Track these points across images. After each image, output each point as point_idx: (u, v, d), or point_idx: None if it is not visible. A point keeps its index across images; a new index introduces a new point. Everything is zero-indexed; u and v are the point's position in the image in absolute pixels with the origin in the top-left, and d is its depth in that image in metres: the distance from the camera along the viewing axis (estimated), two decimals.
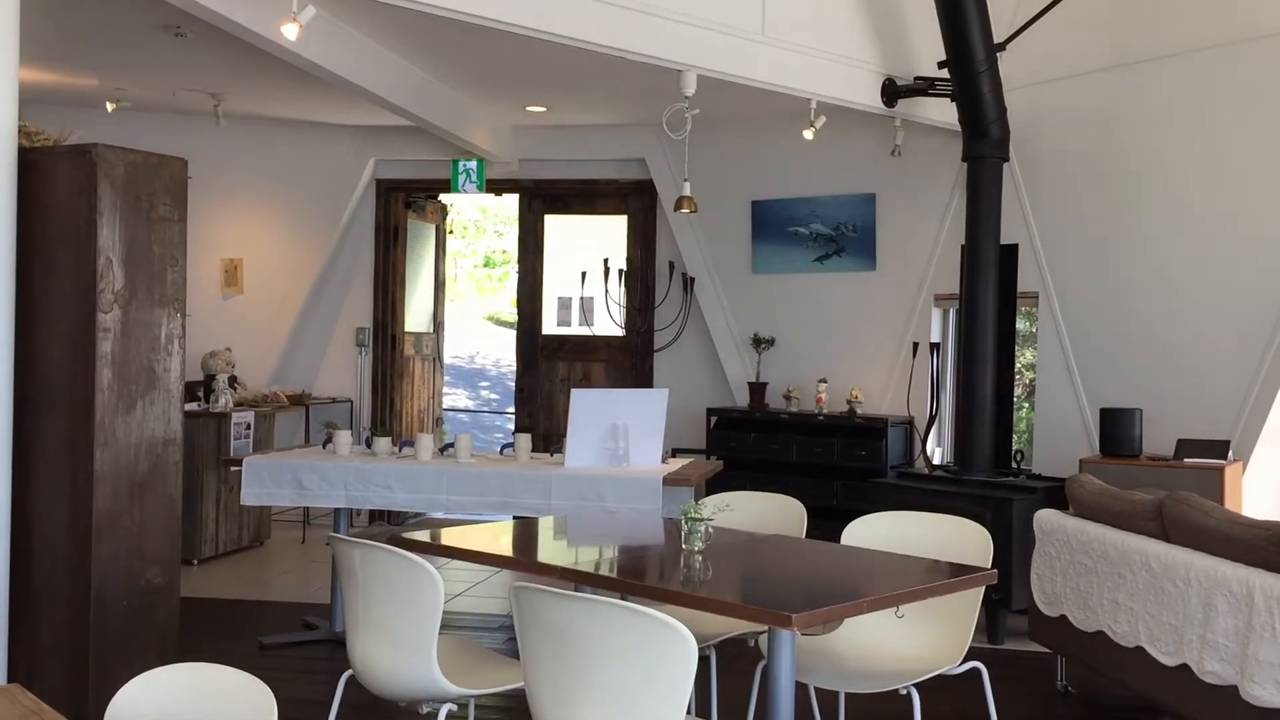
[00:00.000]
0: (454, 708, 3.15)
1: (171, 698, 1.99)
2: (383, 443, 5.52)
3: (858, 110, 6.26)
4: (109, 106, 7.46)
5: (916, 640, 3.49)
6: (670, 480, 5.03)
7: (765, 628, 3.47)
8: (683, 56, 5.30)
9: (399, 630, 3.17)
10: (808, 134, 6.11)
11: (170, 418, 4.12)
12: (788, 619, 2.68)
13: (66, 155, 3.99)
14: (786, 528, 4.00)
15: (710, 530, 3.42)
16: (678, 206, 5.86)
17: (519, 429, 8.08)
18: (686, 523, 3.39)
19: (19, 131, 3.91)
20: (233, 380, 7.49)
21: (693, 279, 7.99)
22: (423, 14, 4.64)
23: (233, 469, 6.94)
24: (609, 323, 8.31)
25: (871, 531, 3.77)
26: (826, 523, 4.70)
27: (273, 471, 5.29)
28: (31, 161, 3.93)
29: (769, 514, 4.10)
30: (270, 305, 8.49)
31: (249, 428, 7.37)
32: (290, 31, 4.45)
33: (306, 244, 8.52)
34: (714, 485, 5.72)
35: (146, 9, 5.26)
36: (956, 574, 3.22)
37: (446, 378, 10.90)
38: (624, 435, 5.27)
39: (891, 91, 6.20)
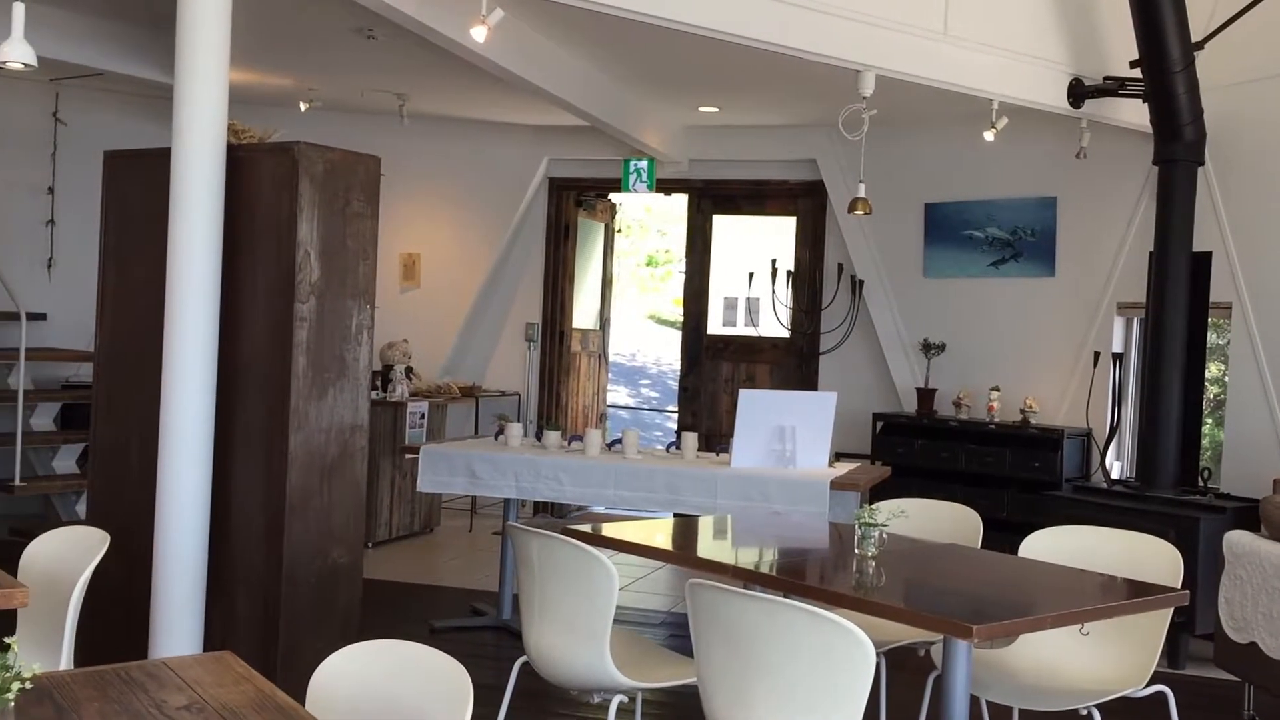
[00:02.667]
0: (624, 699, 3.20)
1: (371, 672, 2.08)
2: (552, 436, 5.62)
3: (1041, 111, 6.08)
4: (302, 106, 7.81)
5: (1098, 660, 3.37)
6: (837, 484, 4.98)
7: (938, 638, 3.42)
8: (862, 56, 5.24)
9: (574, 620, 3.23)
10: (989, 135, 5.96)
11: (358, 405, 4.30)
12: (968, 630, 2.63)
13: (270, 152, 4.20)
14: (961, 537, 3.92)
15: (885, 536, 3.37)
16: (852, 208, 5.80)
17: (682, 428, 8.13)
18: (860, 527, 3.35)
19: (228, 129, 4.14)
20: (409, 371, 7.75)
21: (861, 282, 7.89)
22: (603, 15, 4.72)
23: (407, 457, 7.21)
24: (775, 324, 8.28)
25: (1051, 545, 3.66)
26: (996, 534, 4.58)
27: (448, 461, 5.45)
28: (238, 158, 4.15)
29: (943, 522, 4.03)
30: (445, 299, 8.76)
31: (423, 417, 7.62)
32: (479, 34, 4.58)
33: (481, 240, 8.76)
34: (879, 492, 5.64)
35: (342, 13, 5.49)
36: (1142, 593, 3.10)
37: (609, 374, 11.03)
38: (791, 437, 5.24)
39: (1078, 92, 6.00)
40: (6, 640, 1.68)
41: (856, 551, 3.36)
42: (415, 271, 8.84)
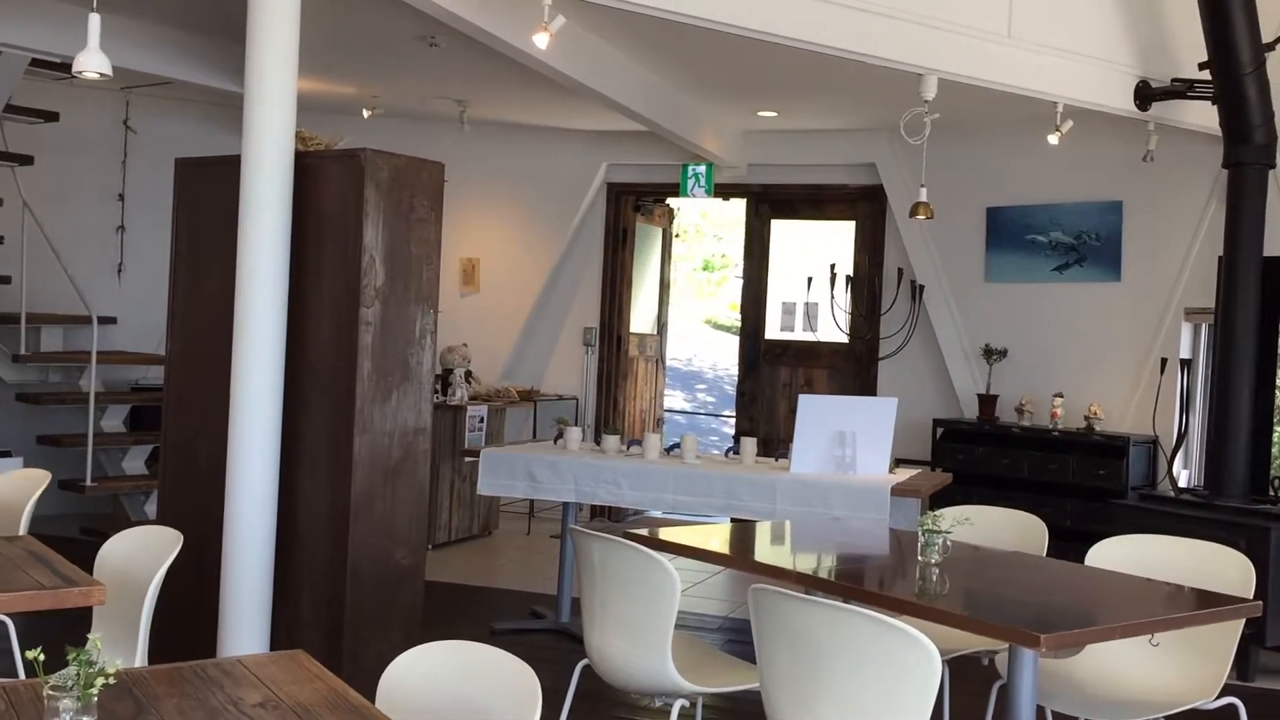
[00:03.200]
0: (685, 704, 3.20)
1: (440, 673, 2.10)
2: (611, 440, 5.64)
3: (1106, 114, 6.00)
4: (365, 113, 7.92)
5: (1167, 671, 3.32)
6: (898, 490, 4.94)
7: (1002, 646, 3.38)
8: (924, 60, 5.21)
9: (635, 624, 3.24)
10: (1053, 139, 5.89)
11: (421, 408, 4.34)
12: (1036, 639, 2.60)
13: (337, 159, 4.27)
14: (1026, 545, 3.88)
15: (948, 543, 3.35)
16: (913, 213, 5.76)
17: (740, 433, 8.11)
18: (924, 534, 3.33)
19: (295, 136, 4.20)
20: (468, 375, 7.81)
21: (922, 287, 7.83)
22: (663, 21, 4.73)
23: (467, 459, 7.28)
24: (833, 329, 8.24)
25: (1119, 554, 3.60)
26: (1060, 543, 4.51)
27: (507, 464, 5.49)
28: (305, 164, 4.22)
29: (1007, 530, 3.99)
30: (504, 304, 8.82)
31: (482, 421, 7.68)
32: (541, 41, 4.61)
33: (539, 245, 8.81)
34: (939, 499, 5.58)
35: (406, 21, 5.56)
36: (1212, 603, 3.05)
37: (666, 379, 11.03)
38: (851, 443, 5.21)
39: (1145, 94, 5.90)
40: (90, 636, 1.72)
41: (920, 558, 3.34)
42: (475, 276, 8.92)
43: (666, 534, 3.78)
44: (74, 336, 7.69)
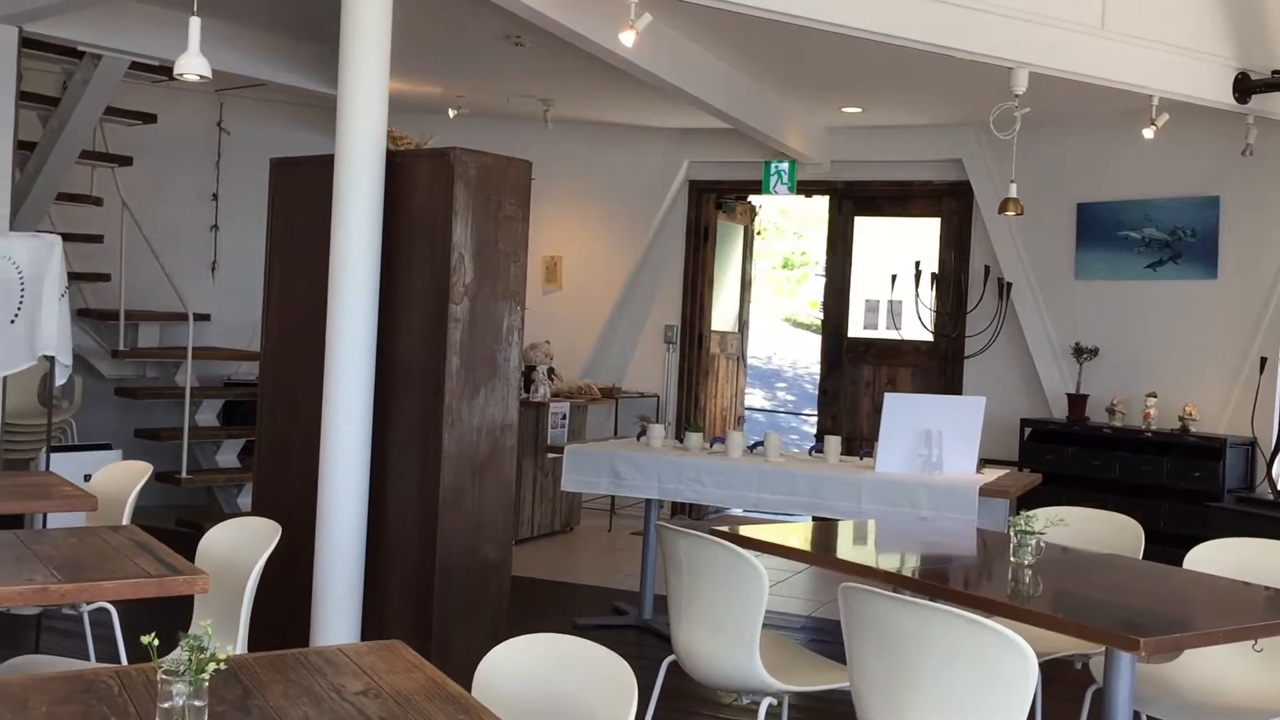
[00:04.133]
0: (773, 702, 3.19)
1: (534, 665, 2.12)
2: (694, 438, 5.64)
3: (1203, 107, 5.84)
4: (450, 113, 8.01)
5: (1271, 677, 3.23)
6: (986, 491, 4.87)
7: (1097, 650, 3.31)
8: (1016, 53, 5.12)
9: (723, 621, 3.24)
10: (1148, 133, 5.75)
11: (508, 404, 4.39)
12: (1135, 643, 2.55)
13: (427, 158, 4.33)
14: (1121, 548, 3.80)
15: (1042, 545, 3.29)
16: (1002, 209, 5.67)
17: (822, 431, 8.06)
18: (1016, 534, 3.28)
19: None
20: (551, 372, 7.87)
21: (1009, 284, 7.70)
22: (749, 18, 4.72)
23: (549, 456, 7.33)
24: (918, 327, 8.14)
25: (1217, 558, 3.52)
26: (1153, 547, 4.41)
27: (591, 460, 5.52)
28: (396, 164, 4.29)
29: (1101, 532, 3.91)
30: (586, 301, 8.87)
31: (564, 418, 7.73)
32: (627, 39, 4.62)
33: (621, 243, 8.84)
34: (1027, 500, 5.49)
35: (493, 21, 5.62)
36: None
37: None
38: (938, 442, 5.15)
39: (1245, 86, 5.73)
40: (201, 623, 1.77)
41: (1012, 559, 3.29)
42: (557, 274, 8.98)
43: (749, 531, 3.78)
44: (170, 333, 7.90)
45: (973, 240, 8.02)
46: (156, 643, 1.73)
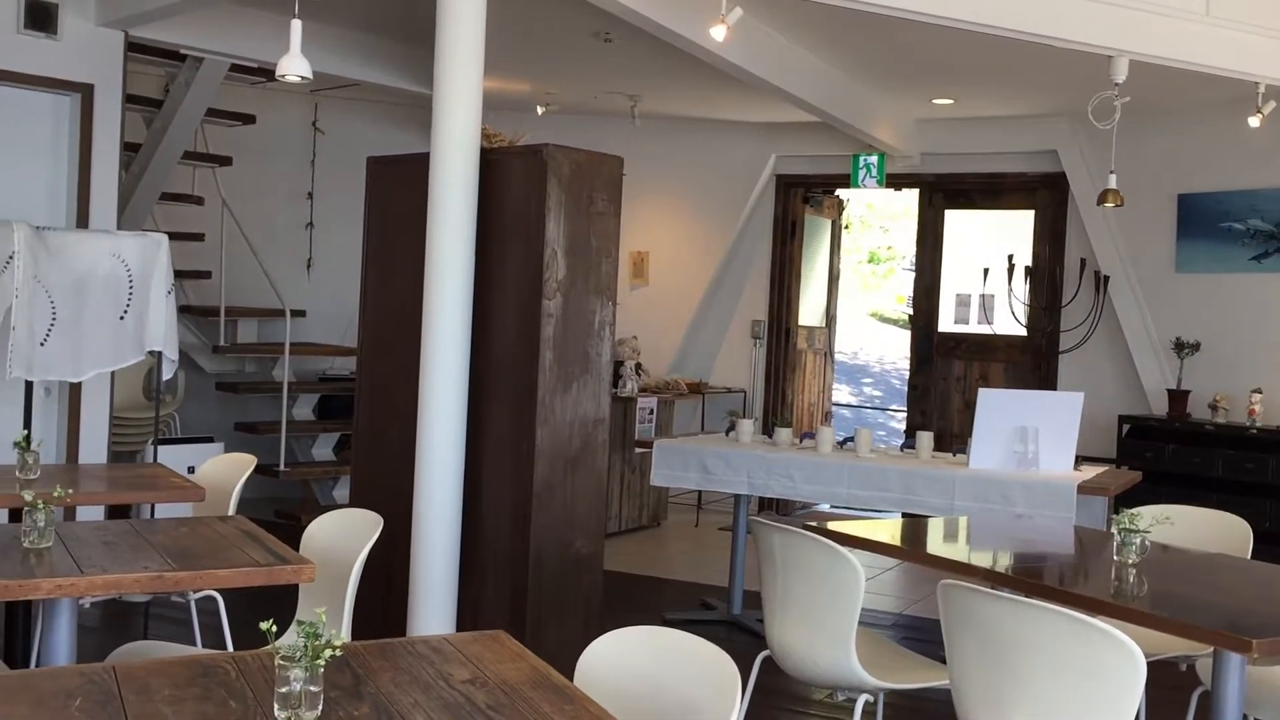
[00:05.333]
0: (869, 699, 3.17)
1: (637, 656, 2.14)
2: (784, 433, 5.62)
3: None
4: (539, 110, 8.08)
5: None
6: (1084, 489, 4.77)
7: (1204, 651, 3.23)
8: (1116, 41, 5.00)
9: (817, 617, 3.22)
10: (1254, 121, 5.58)
11: (600, 399, 4.42)
12: (1247, 644, 2.48)
13: (520, 155, 4.37)
14: (1228, 548, 3.70)
15: (1147, 543, 3.22)
16: (1101, 200, 5.54)
17: (911, 427, 7.97)
18: (1120, 533, 3.21)
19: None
20: (638, 367, 7.90)
21: (1106, 277, 7.53)
22: (839, 10, 4.67)
23: (638, 451, 7.36)
24: (1011, 321, 8.00)
25: None
26: (1259, 546, 4.29)
27: (681, 455, 5.53)
28: (490, 161, 4.34)
29: (1207, 531, 3.81)
30: (673, 297, 8.88)
31: (652, 413, 7.75)
32: (718, 33, 4.62)
33: (708, 238, 8.84)
34: (1126, 498, 5.37)
35: (582, 18, 5.65)
36: None
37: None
38: (1034, 439, 5.06)
39: None
40: (316, 610, 1.82)
41: (1116, 558, 3.22)
42: (644, 269, 9.00)
43: (840, 527, 3.75)
44: (267, 329, 8.09)
45: (1068, 233, 7.85)
46: (275, 629, 1.78)
